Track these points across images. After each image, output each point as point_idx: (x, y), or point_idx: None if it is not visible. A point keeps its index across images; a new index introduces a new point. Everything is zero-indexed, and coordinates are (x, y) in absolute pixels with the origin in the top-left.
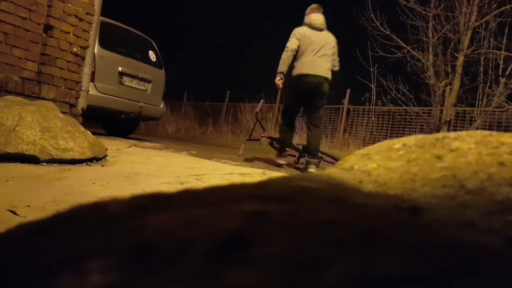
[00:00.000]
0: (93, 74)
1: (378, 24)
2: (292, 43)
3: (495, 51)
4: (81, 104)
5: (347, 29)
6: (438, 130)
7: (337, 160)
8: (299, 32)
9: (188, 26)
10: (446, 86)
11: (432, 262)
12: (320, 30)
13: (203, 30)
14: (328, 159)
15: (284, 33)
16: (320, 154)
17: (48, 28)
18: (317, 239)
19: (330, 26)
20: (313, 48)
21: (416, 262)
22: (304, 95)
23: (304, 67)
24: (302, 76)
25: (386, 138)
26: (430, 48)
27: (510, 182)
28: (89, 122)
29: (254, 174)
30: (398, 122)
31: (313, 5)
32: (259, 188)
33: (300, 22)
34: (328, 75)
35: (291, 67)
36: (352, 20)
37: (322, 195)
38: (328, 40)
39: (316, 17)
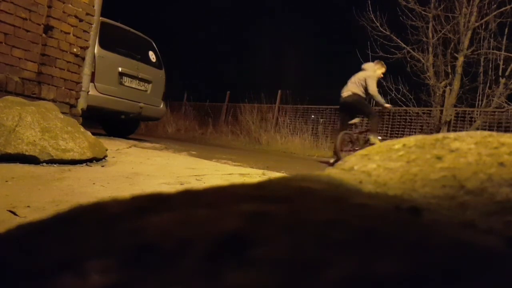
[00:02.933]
0: (93, 75)
1: (378, 24)
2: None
3: (495, 51)
4: (81, 104)
5: (347, 29)
6: (438, 131)
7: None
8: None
9: (188, 26)
10: (446, 86)
11: (432, 262)
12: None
13: (203, 30)
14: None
15: (284, 33)
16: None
17: (48, 28)
18: (317, 239)
19: (329, 26)
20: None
21: (416, 262)
22: None
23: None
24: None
25: (386, 139)
26: (430, 49)
27: (510, 183)
28: (89, 122)
29: (253, 175)
30: (398, 123)
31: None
32: (259, 188)
33: (296, 22)
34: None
35: (366, 94)
36: (352, 20)
37: (322, 195)
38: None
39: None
